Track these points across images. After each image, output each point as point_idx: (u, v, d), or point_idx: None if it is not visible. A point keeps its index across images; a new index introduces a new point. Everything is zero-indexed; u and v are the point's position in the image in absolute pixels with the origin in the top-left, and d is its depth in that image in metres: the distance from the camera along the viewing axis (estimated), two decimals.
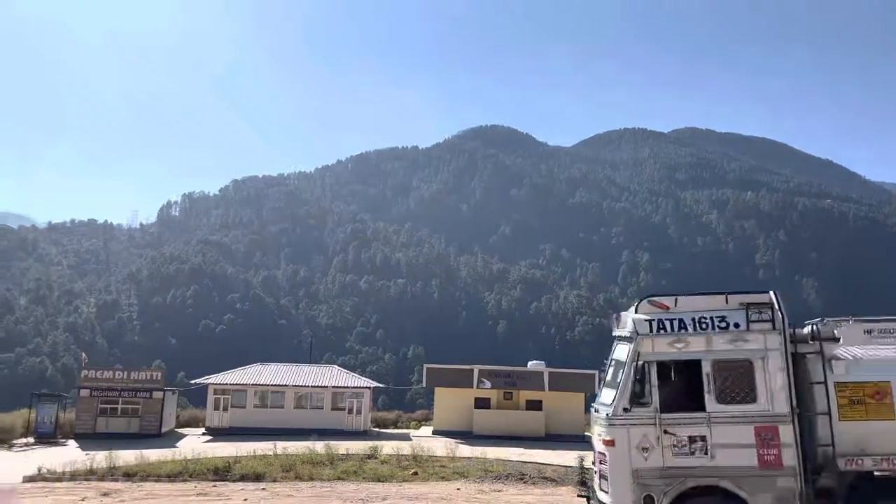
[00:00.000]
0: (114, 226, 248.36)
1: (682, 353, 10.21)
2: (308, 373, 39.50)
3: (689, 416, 9.95)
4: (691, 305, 10.43)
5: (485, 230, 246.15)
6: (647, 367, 10.16)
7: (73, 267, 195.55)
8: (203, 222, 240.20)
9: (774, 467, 9.60)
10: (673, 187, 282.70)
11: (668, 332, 10.21)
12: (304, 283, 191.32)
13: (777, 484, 9.58)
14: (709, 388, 9.97)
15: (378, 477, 21.21)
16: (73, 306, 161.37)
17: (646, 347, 10.24)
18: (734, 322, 10.10)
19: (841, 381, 9.95)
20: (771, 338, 9.99)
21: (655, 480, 9.78)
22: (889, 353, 10.32)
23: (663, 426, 9.89)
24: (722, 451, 9.76)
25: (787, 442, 9.66)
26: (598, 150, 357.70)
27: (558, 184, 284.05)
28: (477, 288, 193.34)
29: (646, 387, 10.12)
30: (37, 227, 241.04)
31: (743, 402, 9.86)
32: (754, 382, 9.89)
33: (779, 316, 10.03)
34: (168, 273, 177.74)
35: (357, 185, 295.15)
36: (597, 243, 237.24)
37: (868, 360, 10.26)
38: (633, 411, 10.07)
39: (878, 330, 10.31)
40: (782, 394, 9.77)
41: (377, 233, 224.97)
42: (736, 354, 10.02)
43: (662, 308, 10.46)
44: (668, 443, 9.86)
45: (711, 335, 10.09)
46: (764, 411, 9.77)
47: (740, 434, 9.74)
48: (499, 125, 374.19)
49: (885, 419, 9.71)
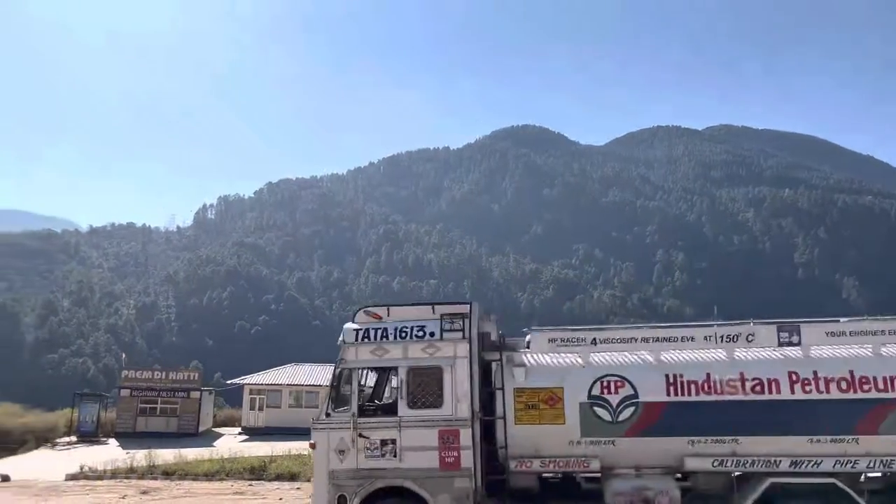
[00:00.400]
0: (151, 229, 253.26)
1: (382, 360, 10.71)
2: None
3: (382, 420, 10.53)
4: (402, 315, 10.93)
5: (517, 230, 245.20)
6: (349, 374, 10.73)
7: (113, 269, 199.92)
8: (238, 225, 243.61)
9: (453, 469, 10.09)
10: (708, 185, 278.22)
11: (371, 341, 10.73)
12: (337, 284, 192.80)
13: (455, 484, 10.06)
14: (402, 393, 10.47)
15: None
16: (113, 308, 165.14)
17: (350, 355, 10.77)
18: (430, 331, 10.59)
19: (519, 387, 10.34)
20: (461, 346, 10.47)
21: (349, 481, 10.30)
22: (568, 359, 10.65)
23: (359, 430, 10.39)
24: (409, 454, 10.24)
25: (466, 445, 10.12)
26: (631, 148, 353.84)
27: (591, 183, 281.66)
28: (509, 288, 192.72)
29: (347, 393, 10.66)
30: (79, 231, 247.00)
31: (431, 407, 10.33)
32: (442, 388, 10.35)
33: (468, 325, 10.49)
34: (204, 275, 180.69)
35: (389, 186, 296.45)
36: (630, 242, 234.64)
37: (544, 367, 10.62)
38: (334, 416, 10.63)
39: (560, 339, 10.74)
40: (466, 399, 10.24)
41: (409, 234, 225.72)
42: (429, 362, 10.47)
43: (376, 318, 10.99)
44: (362, 446, 10.36)
45: (409, 344, 10.58)
46: (448, 416, 10.24)
47: (426, 437, 10.22)
48: (530, 125, 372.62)
49: (555, 423, 10.11)
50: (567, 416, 10.13)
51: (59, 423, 34.10)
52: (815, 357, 10.14)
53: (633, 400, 10.04)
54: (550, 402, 10.21)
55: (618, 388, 10.14)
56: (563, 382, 10.30)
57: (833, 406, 9.70)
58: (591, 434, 10.07)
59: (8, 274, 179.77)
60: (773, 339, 10.40)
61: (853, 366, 9.87)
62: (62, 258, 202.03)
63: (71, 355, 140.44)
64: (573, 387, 10.25)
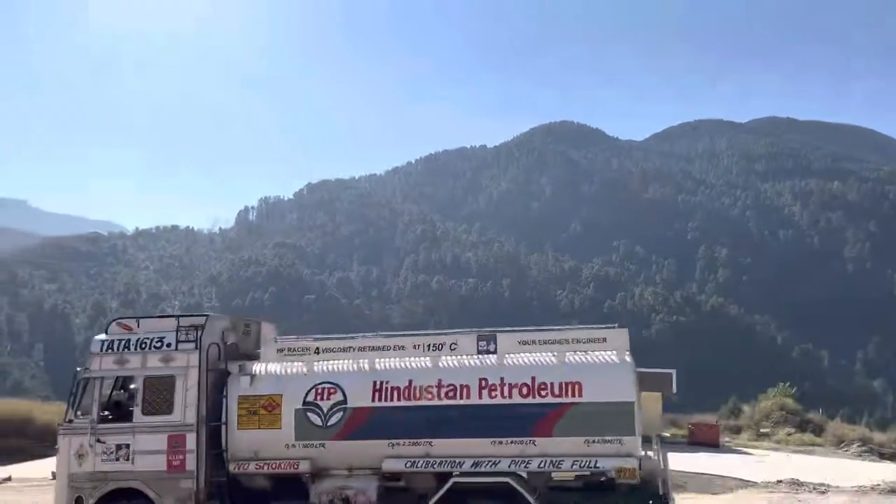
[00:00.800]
0: (195, 231, 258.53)
1: (123, 370, 11.48)
2: None
3: (119, 426, 11.33)
4: (150, 327, 11.66)
5: (555, 228, 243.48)
6: (92, 382, 11.44)
7: (158, 271, 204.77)
8: (279, 226, 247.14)
9: (179, 471, 10.89)
10: (752, 179, 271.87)
11: (115, 352, 11.44)
12: (376, 284, 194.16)
13: (180, 485, 10.84)
14: (138, 401, 11.27)
15: None
16: (159, 309, 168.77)
17: (94, 365, 11.48)
18: (168, 342, 11.32)
19: (243, 395, 11.01)
20: (192, 356, 11.20)
21: (86, 483, 11.02)
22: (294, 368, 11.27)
23: (97, 435, 11.16)
24: (141, 457, 11.03)
25: (191, 448, 10.92)
26: (671, 143, 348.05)
27: (631, 178, 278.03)
28: (549, 287, 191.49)
29: (90, 400, 11.38)
30: (125, 234, 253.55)
31: (163, 414, 11.11)
32: (174, 396, 11.11)
33: (201, 336, 11.18)
34: (247, 275, 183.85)
35: (426, 185, 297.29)
36: (672, 239, 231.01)
37: (269, 376, 11.21)
38: (76, 422, 11.38)
39: (287, 349, 11.52)
40: (193, 406, 11.02)
41: (447, 233, 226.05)
42: (164, 371, 11.21)
43: (126, 329, 11.64)
44: (99, 450, 11.12)
45: (147, 354, 11.31)
46: (177, 422, 11.03)
47: (157, 442, 11.01)
48: (568, 121, 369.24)
49: (273, 428, 10.78)
50: (283, 421, 10.82)
51: None
52: (505, 364, 10.70)
53: (343, 405, 10.71)
54: (269, 408, 10.88)
55: (330, 395, 10.80)
56: (283, 390, 10.99)
57: (514, 410, 10.31)
58: (304, 438, 10.75)
59: (60, 276, 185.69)
60: (473, 348, 10.99)
61: (535, 372, 10.46)
62: (110, 261, 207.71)
63: None
64: (291, 394, 10.92)
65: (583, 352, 10.73)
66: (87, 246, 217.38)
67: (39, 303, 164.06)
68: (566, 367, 10.50)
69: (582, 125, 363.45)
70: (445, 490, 10.16)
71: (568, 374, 10.40)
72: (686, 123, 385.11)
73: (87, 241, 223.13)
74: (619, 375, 10.43)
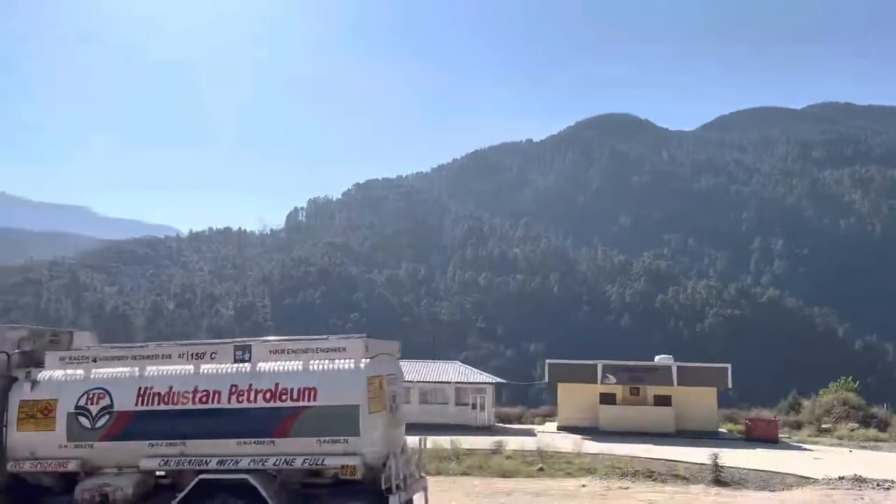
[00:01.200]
0: (246, 232, 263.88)
1: None
2: (431, 369, 40.17)
3: None
4: None
5: (604, 221, 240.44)
6: None
7: (212, 272, 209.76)
8: (328, 226, 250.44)
9: None
10: (809, 166, 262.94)
11: None
12: (424, 281, 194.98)
13: None
14: None
15: (503, 472, 21.24)
16: (214, 309, 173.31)
17: None
18: None
19: (24, 399, 11.70)
20: None
21: None
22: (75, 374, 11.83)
23: None
24: None
25: None
26: (723, 132, 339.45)
27: (681, 169, 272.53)
28: (598, 281, 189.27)
29: None
30: (180, 237, 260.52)
31: None
32: None
33: None
34: (297, 275, 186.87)
35: (472, 182, 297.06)
36: (725, 230, 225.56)
37: (50, 382, 11.82)
38: None
39: (69, 357, 12.07)
40: None
41: (494, 229, 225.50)
42: None
43: None
44: None
45: None
46: None
47: None
48: (615, 113, 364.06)
49: (48, 430, 11.52)
50: (57, 423, 11.55)
51: None
52: (254, 372, 11.46)
53: (110, 409, 11.48)
54: (46, 411, 11.65)
55: (99, 400, 11.55)
56: (59, 395, 11.69)
57: (258, 413, 11.10)
58: (75, 439, 11.49)
59: (120, 279, 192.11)
60: (231, 357, 11.67)
61: (279, 379, 11.24)
62: (166, 263, 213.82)
63: None
64: (65, 399, 11.65)
65: (328, 360, 11.34)
66: (145, 249, 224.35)
67: (101, 305, 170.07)
68: (306, 374, 11.24)
69: (630, 116, 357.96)
70: (192, 486, 10.95)
71: (306, 380, 11.15)
72: (738, 112, 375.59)
73: (145, 245, 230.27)
74: (349, 381, 11.05)
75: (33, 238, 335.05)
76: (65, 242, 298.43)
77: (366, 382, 10.95)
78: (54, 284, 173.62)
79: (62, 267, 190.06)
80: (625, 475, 20.74)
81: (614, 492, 18.49)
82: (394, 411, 11.80)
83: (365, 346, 11.34)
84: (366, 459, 10.75)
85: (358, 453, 10.71)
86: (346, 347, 11.40)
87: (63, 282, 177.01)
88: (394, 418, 11.81)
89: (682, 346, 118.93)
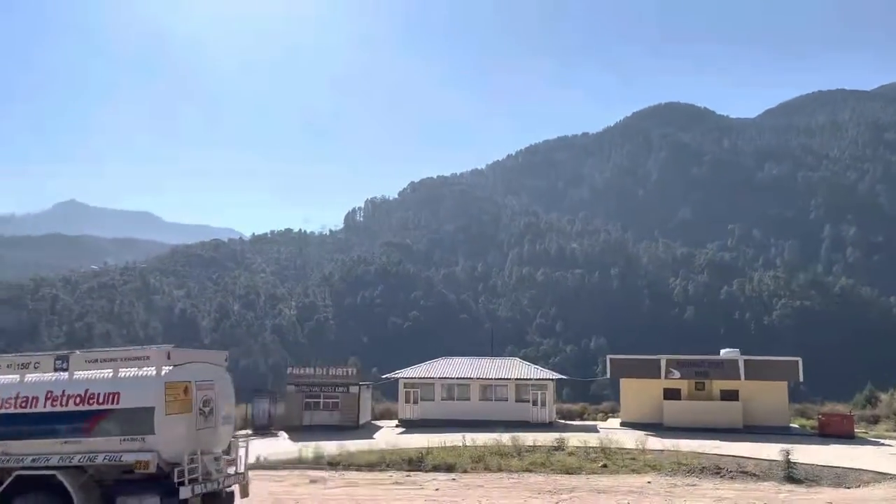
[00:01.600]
0: (306, 233, 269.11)
1: None
2: (491, 365, 40.11)
3: None
4: None
5: (664, 213, 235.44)
6: None
7: (274, 273, 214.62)
8: (385, 225, 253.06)
9: None
10: (882, 150, 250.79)
11: None
12: (482, 278, 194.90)
13: None
14: None
15: (566, 469, 21.06)
16: (277, 310, 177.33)
17: None
18: None
19: None
20: None
21: None
22: None
23: None
24: None
25: None
26: (787, 117, 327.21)
27: (744, 158, 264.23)
28: (660, 275, 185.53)
29: None
30: (243, 240, 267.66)
31: None
32: None
33: None
34: (357, 275, 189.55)
35: (528, 177, 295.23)
36: (792, 219, 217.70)
37: None
38: None
39: None
40: None
41: (551, 224, 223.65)
42: None
43: None
44: None
45: None
46: None
47: None
48: (673, 102, 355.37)
49: None
50: None
51: (237, 418, 37.17)
52: (70, 379, 12.60)
53: None
54: None
55: None
56: None
57: (69, 415, 12.27)
58: None
59: (187, 282, 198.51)
60: (51, 366, 12.84)
61: (89, 385, 12.42)
62: (231, 265, 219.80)
63: (243, 354, 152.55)
64: None
65: (136, 368, 12.53)
66: (210, 252, 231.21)
67: (170, 307, 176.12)
68: (112, 381, 12.43)
69: (689, 105, 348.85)
70: (10, 482, 12.13)
71: (111, 386, 12.35)
72: (804, 96, 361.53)
73: (210, 248, 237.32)
74: (147, 386, 12.20)
75: (106, 244, 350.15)
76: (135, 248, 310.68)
77: (164, 388, 12.19)
78: (127, 289, 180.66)
79: (133, 272, 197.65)
80: (691, 472, 20.31)
81: (681, 489, 18.13)
82: (207, 414, 12.89)
83: (167, 356, 12.54)
84: (162, 455, 11.99)
85: (153, 450, 11.96)
86: (150, 357, 12.63)
87: (135, 286, 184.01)
88: (206, 420, 12.88)
89: (750, 340, 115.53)
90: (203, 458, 12.32)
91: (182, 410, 12.32)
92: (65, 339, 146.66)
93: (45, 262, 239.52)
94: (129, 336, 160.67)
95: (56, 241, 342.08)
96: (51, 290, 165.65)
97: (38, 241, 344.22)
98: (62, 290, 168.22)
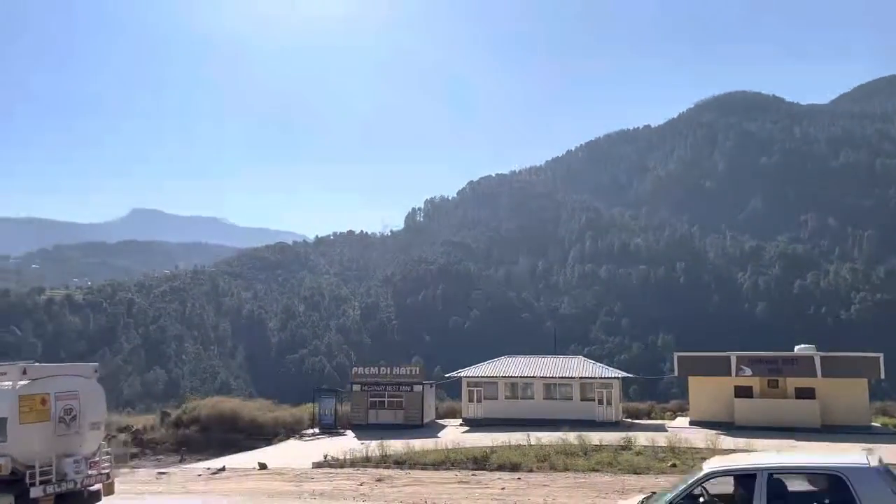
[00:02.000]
0: (368, 234, 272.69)
1: None
2: (554, 364, 39.70)
3: None
4: None
5: (732, 206, 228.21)
6: None
7: (338, 275, 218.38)
8: (445, 225, 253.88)
9: None
10: None
11: None
12: (543, 276, 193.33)
13: None
14: None
15: (634, 468, 20.62)
16: (341, 310, 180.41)
17: None
18: None
19: None
20: None
21: None
22: None
23: None
24: None
25: None
26: (862, 102, 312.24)
27: (816, 146, 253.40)
28: (728, 269, 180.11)
29: None
30: (307, 242, 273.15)
31: None
32: None
33: None
34: (418, 274, 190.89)
35: (588, 173, 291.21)
36: (871, 208, 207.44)
37: None
38: None
39: None
40: None
41: (613, 219, 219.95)
42: None
43: None
44: None
45: None
46: None
47: None
48: (739, 91, 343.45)
49: None
50: None
51: (303, 417, 37.90)
52: None
53: None
54: None
55: None
56: None
57: None
58: None
59: (254, 285, 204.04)
60: None
61: None
62: (295, 267, 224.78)
63: (308, 354, 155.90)
64: None
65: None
66: (275, 255, 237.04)
67: (238, 309, 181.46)
68: None
69: (755, 93, 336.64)
70: None
71: None
72: (881, 79, 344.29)
73: (275, 251, 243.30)
74: (2, 399, 13.03)
75: (176, 249, 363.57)
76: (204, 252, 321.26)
77: (17, 400, 13.14)
78: (197, 292, 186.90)
79: (203, 275, 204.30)
80: None
81: None
82: (68, 422, 13.81)
83: (23, 371, 13.52)
84: (17, 459, 12.97)
85: (6, 455, 12.91)
86: (7, 372, 13.65)
87: (204, 289, 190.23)
88: (68, 427, 13.80)
89: (826, 335, 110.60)
90: (63, 460, 13.46)
91: (38, 419, 13.43)
92: (140, 342, 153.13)
93: (120, 267, 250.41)
94: (201, 337, 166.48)
95: (130, 247, 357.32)
96: (127, 293, 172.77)
97: (113, 247, 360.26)
98: (137, 294, 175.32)
